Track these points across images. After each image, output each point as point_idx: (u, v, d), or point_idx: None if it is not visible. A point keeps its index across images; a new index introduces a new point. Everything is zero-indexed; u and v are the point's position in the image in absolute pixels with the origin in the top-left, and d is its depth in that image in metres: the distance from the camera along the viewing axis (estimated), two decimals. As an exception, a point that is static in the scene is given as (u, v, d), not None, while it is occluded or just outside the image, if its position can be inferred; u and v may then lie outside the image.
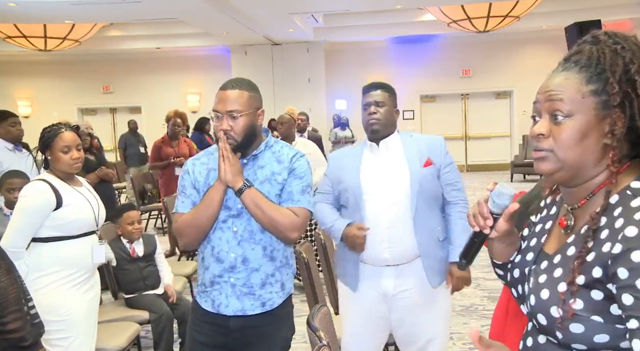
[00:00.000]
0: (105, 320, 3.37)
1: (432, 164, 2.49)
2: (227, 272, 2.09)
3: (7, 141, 4.43)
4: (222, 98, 2.04)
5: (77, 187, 2.76)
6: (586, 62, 1.08)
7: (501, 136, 15.05)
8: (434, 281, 2.48)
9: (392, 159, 2.51)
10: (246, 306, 2.09)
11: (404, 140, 2.55)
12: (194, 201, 2.12)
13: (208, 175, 2.13)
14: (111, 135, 15.44)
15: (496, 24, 11.63)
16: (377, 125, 2.49)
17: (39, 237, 2.62)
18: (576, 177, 1.10)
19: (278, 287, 2.14)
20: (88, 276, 2.74)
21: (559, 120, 1.08)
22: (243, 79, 2.14)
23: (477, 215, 1.18)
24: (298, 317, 4.57)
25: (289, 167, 2.11)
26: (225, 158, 2.01)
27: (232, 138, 2.03)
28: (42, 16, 10.16)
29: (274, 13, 10.71)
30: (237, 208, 2.08)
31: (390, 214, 2.44)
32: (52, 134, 2.69)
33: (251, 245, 2.09)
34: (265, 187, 2.08)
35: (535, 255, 1.21)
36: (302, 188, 2.11)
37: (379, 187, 2.47)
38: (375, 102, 2.50)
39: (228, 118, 2.02)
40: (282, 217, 2.03)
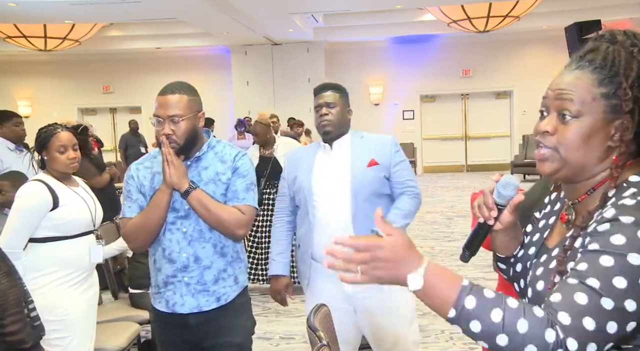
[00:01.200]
0: (105, 320, 3.36)
1: (377, 164, 2.49)
2: (180, 272, 2.15)
3: (9, 141, 4.45)
4: (163, 103, 2.07)
5: (73, 187, 2.76)
6: (600, 63, 1.07)
7: (501, 136, 15.05)
8: None
9: (339, 159, 2.53)
10: (202, 303, 2.15)
11: (353, 140, 2.57)
12: (140, 205, 2.17)
13: (153, 179, 2.18)
14: (111, 135, 15.44)
15: (496, 24, 11.63)
16: (329, 126, 2.52)
17: (36, 238, 2.62)
18: (578, 175, 1.11)
19: (231, 281, 2.20)
20: (86, 276, 2.74)
21: (567, 119, 1.07)
22: (182, 82, 2.17)
23: (482, 206, 1.18)
24: (298, 317, 4.60)
25: (232, 166, 2.16)
26: (170, 162, 2.04)
27: (174, 142, 2.06)
28: (42, 16, 10.16)
29: (274, 13, 10.71)
30: (184, 210, 2.13)
31: (337, 214, 2.47)
32: (49, 134, 2.68)
33: (201, 243, 2.14)
34: (211, 187, 2.13)
35: (537, 249, 1.21)
36: (247, 186, 2.17)
37: (327, 189, 2.50)
38: (326, 104, 2.53)
39: (169, 122, 2.05)
40: (228, 215, 2.09)
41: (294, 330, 4.33)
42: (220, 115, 14.24)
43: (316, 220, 2.50)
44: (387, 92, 15.00)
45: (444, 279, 1.01)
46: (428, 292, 1.01)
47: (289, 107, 12.37)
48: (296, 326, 4.39)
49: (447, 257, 6.32)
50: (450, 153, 15.00)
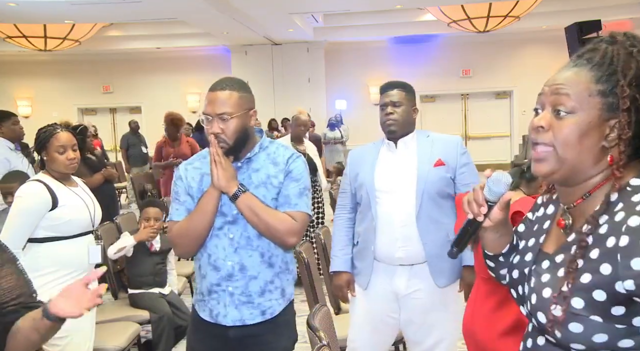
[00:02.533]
0: (105, 320, 3.36)
1: (443, 164, 2.47)
2: (224, 281, 2.01)
3: (9, 140, 4.46)
4: (212, 100, 1.95)
5: (72, 187, 2.76)
6: (599, 61, 1.06)
7: (501, 136, 15.05)
8: (440, 282, 2.46)
9: (405, 158, 2.50)
10: (245, 316, 2.01)
11: (419, 139, 2.54)
12: (188, 208, 2.03)
13: (202, 181, 2.04)
14: (111, 135, 15.45)
15: (496, 24, 11.63)
16: (394, 126, 2.48)
17: (35, 238, 2.62)
18: (573, 177, 1.09)
19: (278, 294, 2.05)
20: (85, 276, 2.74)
21: (562, 115, 1.06)
22: (233, 78, 2.05)
23: (472, 202, 1.17)
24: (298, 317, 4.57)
25: (285, 170, 2.02)
26: (218, 163, 1.92)
27: (223, 142, 1.94)
28: (42, 16, 10.16)
29: (273, 13, 10.71)
30: (232, 214, 1.99)
31: (402, 213, 2.44)
32: (48, 135, 2.68)
33: (248, 251, 2.00)
34: (261, 191, 1.99)
35: (535, 255, 1.20)
36: (300, 191, 2.02)
37: (390, 186, 2.47)
38: (392, 103, 2.49)
39: (218, 120, 1.93)
40: (279, 222, 1.94)
41: (294, 330, 4.32)
42: (220, 115, 14.25)
43: (378, 217, 2.47)
44: (387, 92, 14.98)
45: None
46: None
47: (289, 107, 12.34)
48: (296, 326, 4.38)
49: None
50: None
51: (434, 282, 2.45)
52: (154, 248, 3.75)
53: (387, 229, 2.45)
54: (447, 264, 2.46)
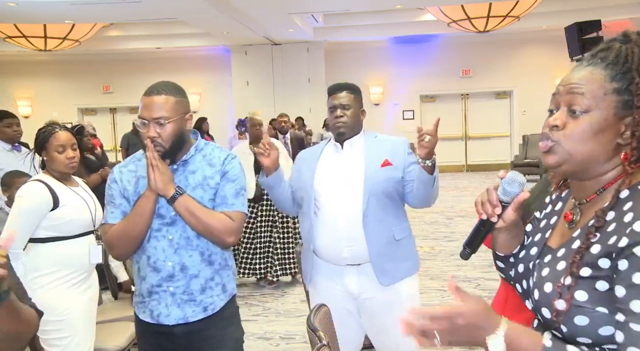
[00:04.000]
0: (105, 320, 3.36)
1: (390, 164, 2.49)
2: (165, 281, 2.03)
3: (4, 142, 4.42)
4: (148, 105, 1.98)
5: (73, 187, 2.76)
6: (613, 59, 1.07)
7: (501, 136, 15.05)
8: (384, 281, 2.46)
9: (351, 159, 2.53)
10: (188, 314, 2.04)
11: (367, 140, 2.57)
12: (124, 211, 2.05)
13: (137, 183, 2.06)
14: (111, 135, 15.44)
15: (496, 24, 11.63)
16: (343, 128, 2.52)
17: (36, 238, 2.62)
18: (584, 171, 1.10)
19: (219, 290, 2.10)
20: (86, 276, 2.74)
21: (577, 114, 1.07)
22: (168, 82, 2.07)
23: (486, 203, 1.17)
24: (298, 317, 4.60)
25: (221, 170, 2.05)
26: (155, 167, 1.94)
27: (160, 146, 1.96)
28: (42, 16, 10.16)
29: (273, 13, 10.71)
30: (170, 216, 2.02)
31: (347, 213, 2.46)
32: (47, 134, 2.69)
33: (188, 251, 2.03)
34: (198, 193, 2.02)
35: (540, 249, 1.20)
36: (236, 191, 2.05)
37: (334, 186, 2.49)
38: (341, 105, 2.53)
39: (155, 125, 1.96)
40: (217, 222, 1.98)
41: (294, 330, 4.33)
42: (220, 115, 14.27)
43: (319, 218, 2.50)
44: (387, 92, 15.00)
45: (526, 340, 1.01)
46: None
47: (289, 107, 12.36)
48: (296, 326, 4.39)
49: (447, 257, 6.32)
50: (451, 153, 14.98)
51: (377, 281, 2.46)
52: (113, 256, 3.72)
53: (331, 229, 2.46)
54: (392, 263, 2.47)
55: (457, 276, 5.31)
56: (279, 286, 5.54)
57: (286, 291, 5.41)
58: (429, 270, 5.83)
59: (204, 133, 8.79)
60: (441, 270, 5.86)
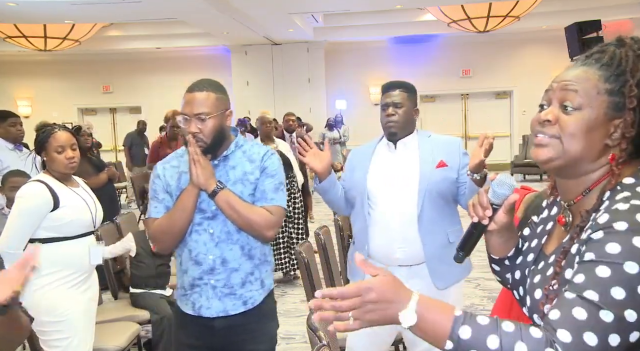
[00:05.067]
0: (105, 320, 3.36)
1: (446, 166, 2.46)
2: (206, 274, 2.10)
3: (7, 141, 4.44)
4: (189, 101, 2.03)
5: (73, 187, 2.75)
6: (608, 61, 1.08)
7: (501, 136, 15.04)
8: (439, 284, 2.45)
9: (406, 159, 2.50)
10: (228, 307, 2.10)
11: (420, 140, 2.53)
12: (167, 205, 2.11)
13: (180, 179, 2.12)
14: (111, 135, 15.45)
15: (496, 24, 11.63)
16: (395, 128, 2.48)
17: (36, 238, 2.61)
18: (571, 168, 1.10)
19: (258, 285, 2.15)
20: (86, 276, 2.74)
21: (569, 110, 1.07)
22: (210, 80, 2.12)
23: (477, 205, 1.17)
24: (298, 317, 4.60)
25: (260, 166, 2.11)
26: (196, 162, 1.99)
27: (201, 141, 2.02)
28: (42, 16, 10.16)
29: (273, 13, 10.71)
30: (211, 211, 2.07)
31: (402, 213, 2.43)
32: (46, 135, 2.68)
33: (229, 245, 2.09)
34: (238, 187, 2.07)
35: (535, 256, 1.20)
36: (275, 186, 2.11)
37: (389, 186, 2.46)
38: (393, 104, 2.48)
39: (196, 120, 2.00)
40: (257, 216, 2.04)
41: (294, 330, 4.33)
42: (220, 115, 14.25)
43: (372, 218, 2.47)
44: (387, 92, 14.99)
45: (437, 312, 0.99)
46: (422, 327, 0.99)
47: (289, 107, 12.36)
48: (296, 326, 4.39)
49: (447, 257, 6.31)
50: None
51: (432, 284, 2.44)
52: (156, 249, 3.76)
53: (384, 229, 2.44)
54: (446, 267, 2.44)
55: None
56: (278, 286, 5.54)
57: (286, 291, 5.41)
58: (429, 270, 5.83)
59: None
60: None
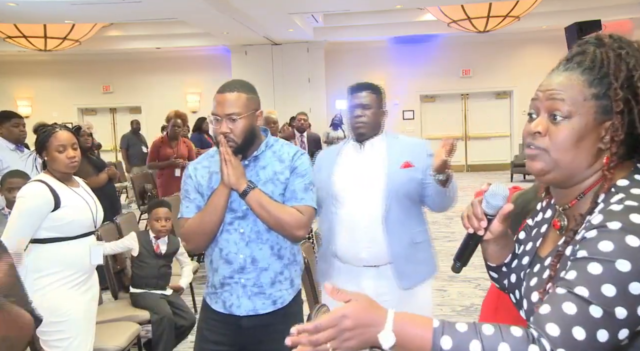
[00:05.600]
0: (105, 320, 3.36)
1: (411, 166, 2.46)
2: (236, 273, 2.12)
3: (9, 141, 4.45)
4: (221, 102, 2.05)
5: (74, 187, 2.75)
6: (589, 65, 1.06)
7: (501, 136, 15.04)
8: (403, 284, 2.45)
9: (372, 159, 2.50)
10: (257, 306, 2.13)
11: (388, 141, 2.54)
12: (198, 205, 2.14)
13: (211, 179, 2.15)
14: (111, 135, 15.44)
15: (496, 24, 11.62)
16: (363, 128, 2.50)
17: (37, 238, 2.61)
18: (568, 179, 1.09)
19: (287, 284, 2.17)
20: (87, 277, 2.74)
21: (558, 120, 1.06)
22: (241, 80, 2.14)
23: (472, 216, 1.17)
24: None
25: (290, 166, 2.13)
26: (227, 162, 2.02)
27: (232, 141, 2.04)
28: (42, 16, 10.15)
29: (273, 13, 10.70)
30: (242, 210, 2.10)
31: (368, 214, 2.44)
32: (47, 134, 2.68)
33: (259, 245, 2.11)
34: (269, 187, 2.10)
35: (530, 258, 1.20)
36: (305, 186, 2.13)
37: (355, 186, 2.47)
38: (361, 105, 2.50)
39: (227, 121, 2.03)
40: (287, 216, 2.06)
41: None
42: (220, 115, 14.24)
43: (338, 218, 2.48)
44: (387, 92, 14.61)
45: (414, 326, 0.99)
46: (403, 344, 0.98)
47: (289, 107, 12.37)
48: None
49: (447, 257, 6.30)
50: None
51: (398, 284, 2.44)
52: (159, 251, 3.76)
53: (350, 230, 2.45)
54: (412, 266, 2.47)
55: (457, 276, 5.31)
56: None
57: (286, 291, 5.41)
58: (429, 270, 5.83)
59: (204, 133, 8.78)
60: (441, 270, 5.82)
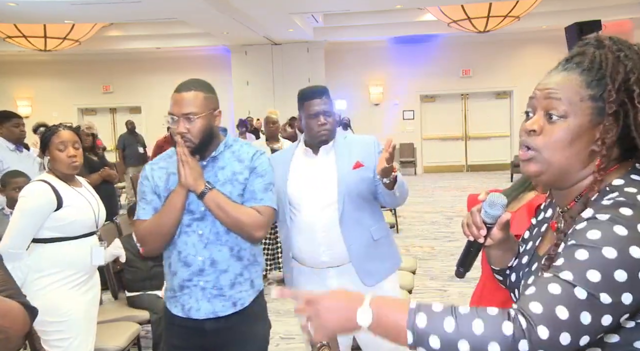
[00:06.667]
0: (105, 320, 3.36)
1: (362, 166, 2.44)
2: (195, 276, 2.08)
3: (9, 141, 4.46)
4: (177, 101, 2.01)
5: (77, 187, 2.75)
6: (588, 65, 1.06)
7: (501, 136, 15.04)
8: (368, 282, 2.45)
9: (324, 162, 2.49)
10: (217, 308, 2.09)
11: (336, 143, 2.52)
12: (155, 207, 2.10)
13: (168, 180, 2.10)
14: (111, 135, 15.43)
15: (496, 24, 11.62)
16: (326, 136, 2.47)
17: (39, 238, 2.61)
18: (562, 180, 1.10)
19: (247, 285, 2.14)
20: (88, 277, 2.74)
21: (554, 119, 1.06)
22: (198, 79, 2.11)
23: (471, 225, 1.18)
24: (296, 317, 4.59)
25: (249, 166, 2.10)
26: (185, 162, 1.98)
27: (189, 141, 2.00)
28: (42, 16, 10.15)
29: (274, 13, 10.70)
30: (200, 212, 2.06)
31: (323, 218, 2.43)
32: (50, 133, 2.70)
33: (218, 246, 2.07)
34: (227, 188, 2.06)
35: (529, 257, 1.21)
36: (265, 186, 2.10)
37: (309, 192, 2.46)
38: (324, 112, 2.46)
39: (184, 121, 1.99)
40: (246, 216, 2.03)
41: (294, 330, 4.33)
42: (220, 115, 14.25)
43: (295, 225, 2.47)
44: (387, 92, 14.99)
45: (392, 306, 1.01)
46: (380, 322, 1.00)
47: (289, 107, 12.34)
48: (296, 326, 4.39)
49: (447, 257, 6.32)
50: (450, 153, 14.99)
51: (361, 282, 2.44)
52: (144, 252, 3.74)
53: (309, 235, 2.44)
54: (374, 264, 2.47)
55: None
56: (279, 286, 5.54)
57: (286, 291, 5.41)
58: (429, 270, 5.83)
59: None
60: (441, 270, 5.86)
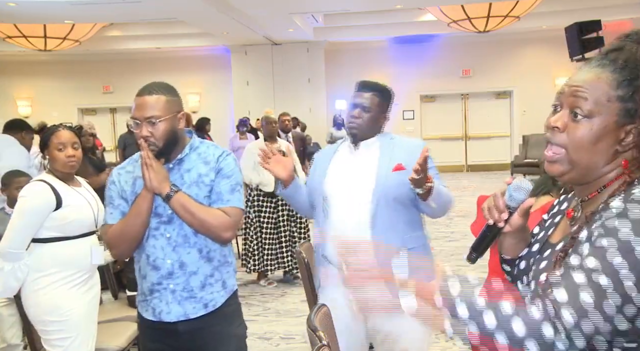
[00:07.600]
0: (105, 320, 3.36)
1: (404, 169, 2.30)
2: (165, 279, 2.08)
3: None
4: (140, 105, 2.00)
5: (76, 187, 2.76)
6: (622, 64, 1.05)
7: (501, 136, 15.05)
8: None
9: (365, 161, 2.41)
10: (188, 310, 2.08)
11: (382, 143, 2.43)
12: (122, 211, 2.09)
13: (135, 184, 2.10)
14: (111, 135, 15.43)
15: (496, 24, 11.63)
16: (355, 129, 2.40)
17: (38, 238, 2.61)
18: (585, 177, 1.10)
19: (219, 286, 2.13)
20: (88, 276, 2.74)
21: (578, 118, 1.06)
22: (161, 83, 2.09)
23: (492, 208, 1.18)
24: (298, 317, 4.60)
25: (216, 168, 2.09)
26: (149, 166, 1.97)
27: (153, 145, 1.99)
28: (42, 16, 10.15)
29: (274, 13, 10.71)
30: (167, 214, 2.06)
31: (354, 219, 2.34)
32: (49, 133, 2.70)
33: (186, 249, 2.07)
34: (194, 190, 2.05)
35: (541, 245, 1.22)
36: (231, 187, 2.09)
37: (345, 190, 2.38)
38: (362, 106, 2.39)
39: (147, 124, 1.98)
40: (213, 218, 2.02)
41: (294, 330, 4.33)
42: (220, 115, 14.25)
43: (328, 221, 2.40)
44: (387, 92, 14.99)
45: None
46: None
47: (289, 107, 12.36)
48: (296, 326, 4.39)
49: (447, 257, 6.32)
50: (451, 153, 14.98)
51: None
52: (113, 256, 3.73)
53: (338, 233, 2.36)
54: None
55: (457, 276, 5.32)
56: (278, 286, 5.54)
57: (286, 291, 5.41)
58: (429, 270, 5.82)
59: (206, 134, 8.79)
60: (441, 270, 5.84)
